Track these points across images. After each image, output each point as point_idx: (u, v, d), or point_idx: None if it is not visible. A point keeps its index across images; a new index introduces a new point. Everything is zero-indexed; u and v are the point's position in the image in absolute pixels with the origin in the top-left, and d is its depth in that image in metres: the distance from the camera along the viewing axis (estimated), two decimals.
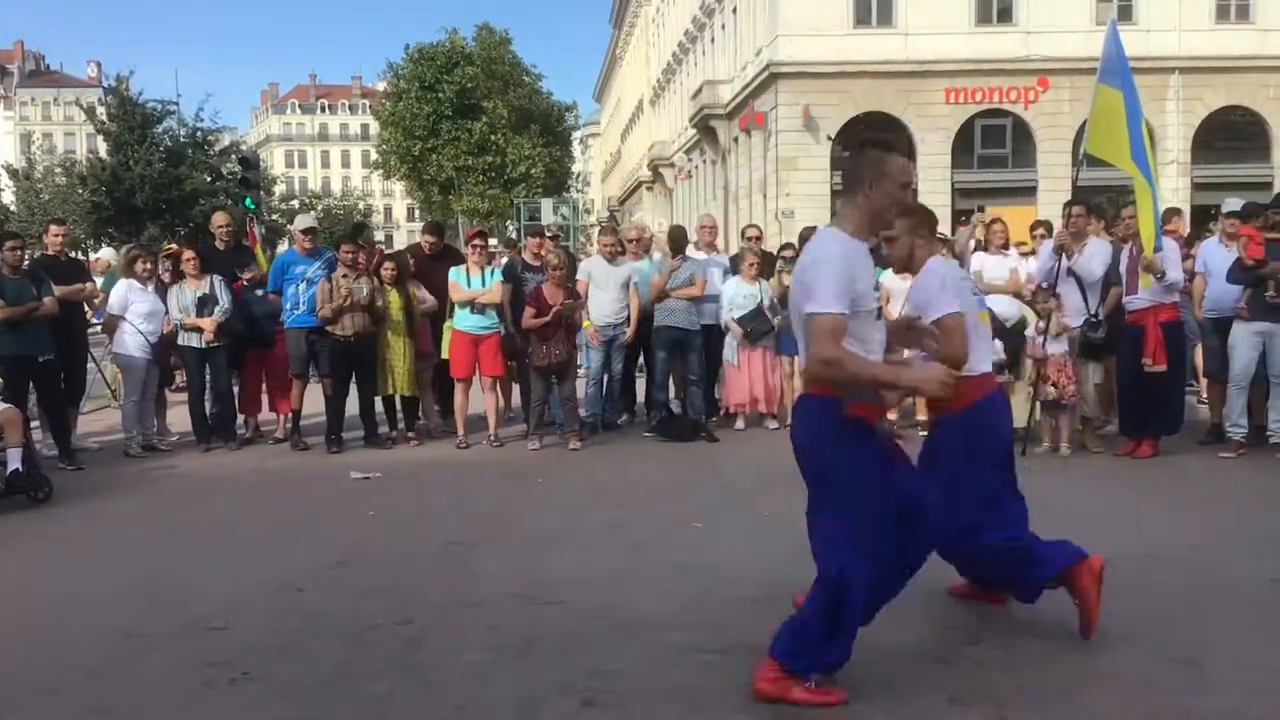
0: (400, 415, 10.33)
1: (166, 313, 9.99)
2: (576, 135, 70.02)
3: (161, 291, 10.15)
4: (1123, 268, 8.81)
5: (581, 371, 10.62)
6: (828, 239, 4.05)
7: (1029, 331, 9.18)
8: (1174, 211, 11.59)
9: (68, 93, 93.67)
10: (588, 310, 10.16)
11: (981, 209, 14.65)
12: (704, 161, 45.91)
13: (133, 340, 9.89)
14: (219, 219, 11.29)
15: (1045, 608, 5.05)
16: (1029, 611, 4.99)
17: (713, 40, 43.71)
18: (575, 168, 67.28)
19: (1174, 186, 30.15)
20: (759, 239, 11.42)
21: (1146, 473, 8.30)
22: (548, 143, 52.97)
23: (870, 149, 4.30)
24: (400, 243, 78.64)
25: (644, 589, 5.49)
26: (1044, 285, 9.02)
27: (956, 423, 4.88)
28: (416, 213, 64.33)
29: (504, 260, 11.30)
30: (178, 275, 10.21)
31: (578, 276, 10.25)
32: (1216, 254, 9.20)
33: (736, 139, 38.87)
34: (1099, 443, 9.04)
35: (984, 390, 4.93)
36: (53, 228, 10.47)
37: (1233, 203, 9.66)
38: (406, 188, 59.60)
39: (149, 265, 10.26)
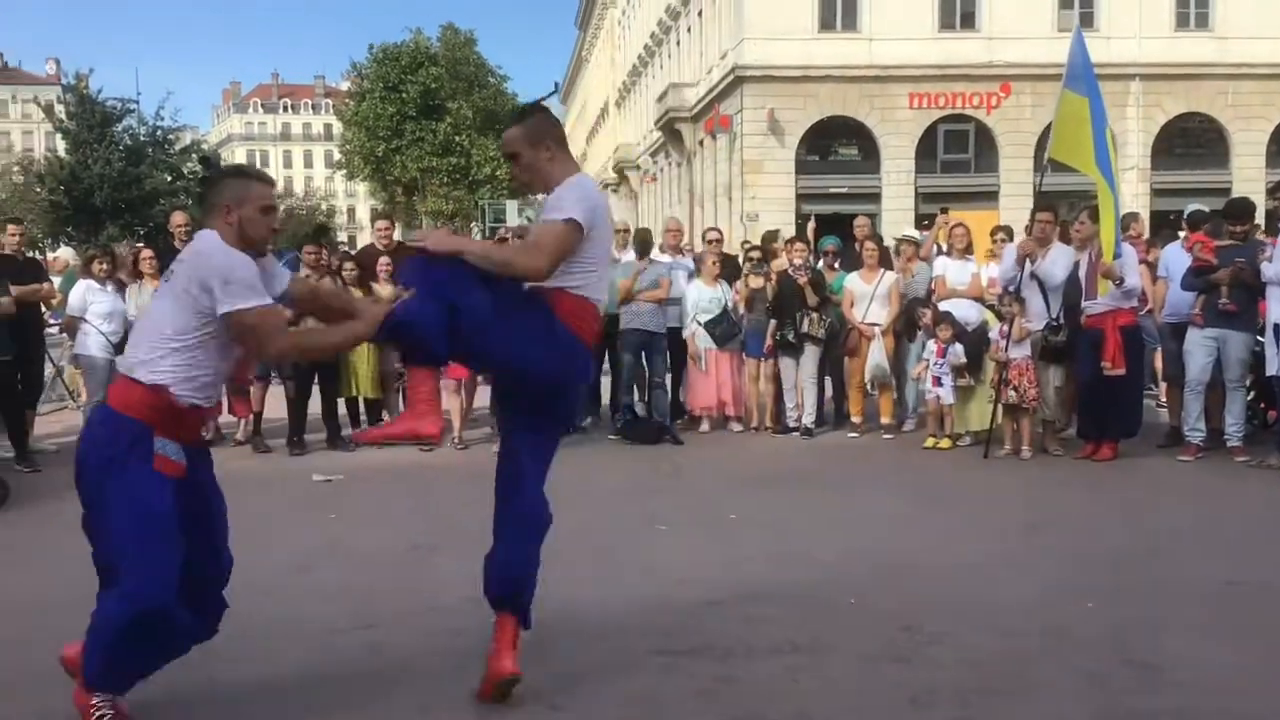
0: (364, 417, 10.27)
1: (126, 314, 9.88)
2: None
3: (121, 291, 10.04)
4: (1081, 273, 8.90)
5: None
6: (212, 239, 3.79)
7: (992, 334, 9.26)
8: (1132, 216, 11.73)
9: (25, 90, 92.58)
10: None
11: (945, 210, 14.74)
12: (669, 164, 45.95)
13: (94, 340, 9.77)
14: (178, 218, 11.18)
15: (1004, 610, 5.11)
16: (990, 613, 5.04)
17: (678, 43, 43.77)
18: None
19: (1134, 192, 30.50)
20: (720, 241, 11.46)
21: (1106, 475, 8.40)
22: None
23: (229, 177, 4.03)
24: (363, 244, 78.14)
25: (608, 591, 5.49)
26: (1008, 290, 9.11)
27: None
28: (381, 210, 64.15)
29: None
30: (137, 275, 10.11)
31: None
32: (1178, 259, 9.31)
33: (702, 142, 38.94)
34: (1059, 445, 9.13)
35: None
36: (10, 227, 10.31)
37: (1194, 208, 9.78)
38: (370, 189, 59.36)
39: (106, 265, 10.14)
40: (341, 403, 10.16)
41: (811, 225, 13.62)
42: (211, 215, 3.83)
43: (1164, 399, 10.07)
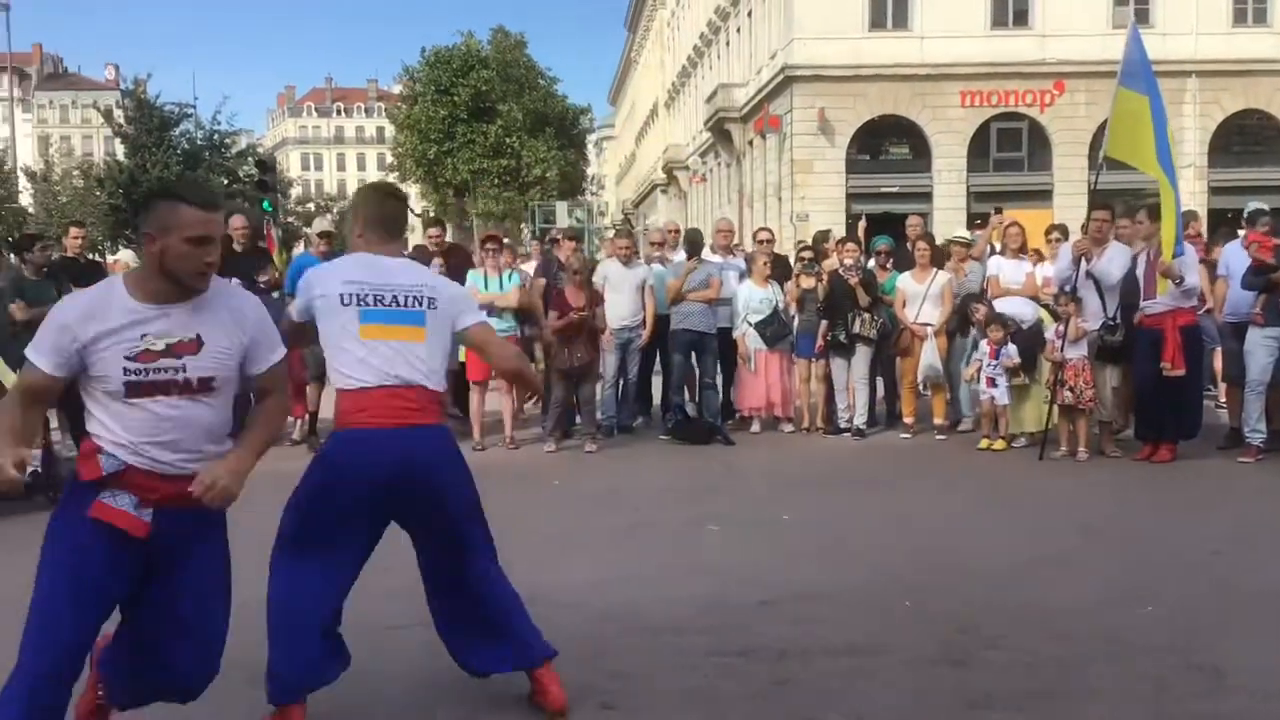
0: None
1: None
2: (591, 138, 70.06)
3: None
4: (1139, 272, 8.78)
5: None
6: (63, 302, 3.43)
7: (1048, 335, 9.16)
8: (1191, 215, 11.55)
9: (85, 95, 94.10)
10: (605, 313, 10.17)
11: (999, 210, 14.61)
12: (718, 164, 45.91)
13: None
14: (236, 221, 11.32)
15: (1061, 613, 5.05)
16: (1047, 616, 4.99)
17: (728, 44, 43.71)
18: (590, 171, 67.34)
19: (1191, 190, 30.02)
20: (770, 242, 11.42)
21: (1165, 477, 8.28)
22: (562, 146, 52.97)
23: (157, 198, 3.32)
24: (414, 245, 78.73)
25: (660, 592, 5.49)
26: (1063, 289, 9.01)
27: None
28: (431, 214, 64.67)
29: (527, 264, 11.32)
30: None
31: (593, 279, 10.27)
32: (1238, 257, 9.15)
33: (751, 142, 38.86)
34: (1116, 447, 9.01)
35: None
36: (73, 230, 10.53)
37: (1254, 206, 9.61)
38: (421, 190, 59.74)
39: None
40: None
41: (862, 225, 13.54)
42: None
43: (1223, 399, 9.91)
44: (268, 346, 3.48)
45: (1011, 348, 9.25)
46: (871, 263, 10.66)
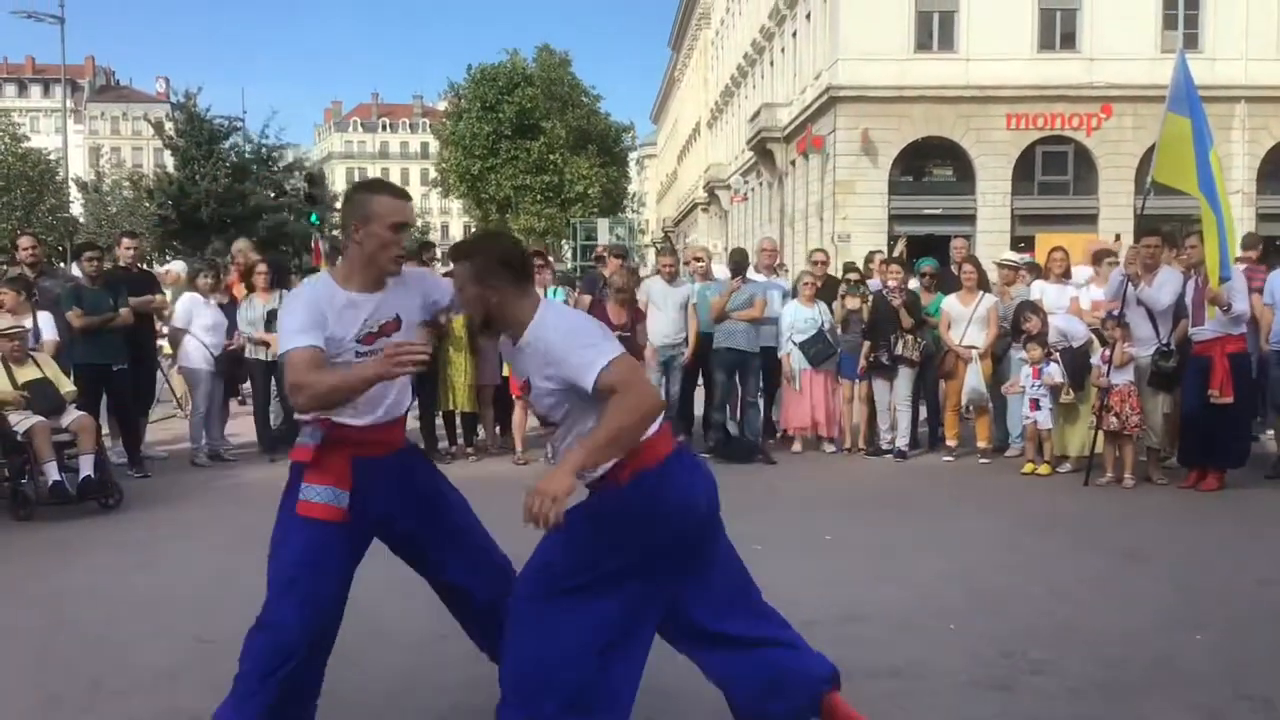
0: (460, 431, 10.44)
1: (235, 327, 10.18)
2: (633, 156, 70.30)
3: (230, 306, 10.36)
4: (1188, 299, 8.72)
5: None
6: (303, 285, 3.82)
7: (1094, 360, 9.11)
8: (1253, 240, 11.48)
9: (136, 108, 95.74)
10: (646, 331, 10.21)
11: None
12: (760, 184, 45.91)
13: (197, 352, 10.10)
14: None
15: (1107, 640, 5.02)
16: (1092, 642, 4.96)
17: (772, 64, 43.76)
18: (631, 188, 67.51)
19: (1239, 216, 29.56)
20: (825, 263, 11.43)
21: (1212, 505, 8.19)
22: (604, 163, 53.23)
23: (356, 189, 3.73)
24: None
25: None
26: (1110, 314, 8.96)
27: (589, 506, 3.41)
28: (474, 231, 65.09)
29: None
30: (249, 288, 10.43)
31: (637, 296, 10.31)
32: None
33: (794, 162, 38.85)
34: (1163, 474, 8.93)
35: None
36: (125, 240, 10.71)
37: None
38: (464, 206, 60.17)
39: (210, 279, 10.49)
40: (439, 416, 10.34)
41: (901, 245, 13.48)
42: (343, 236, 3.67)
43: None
44: (439, 290, 3.79)
45: (1054, 367, 9.20)
46: (915, 284, 10.65)
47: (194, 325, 10.13)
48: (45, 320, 8.87)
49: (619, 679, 3.35)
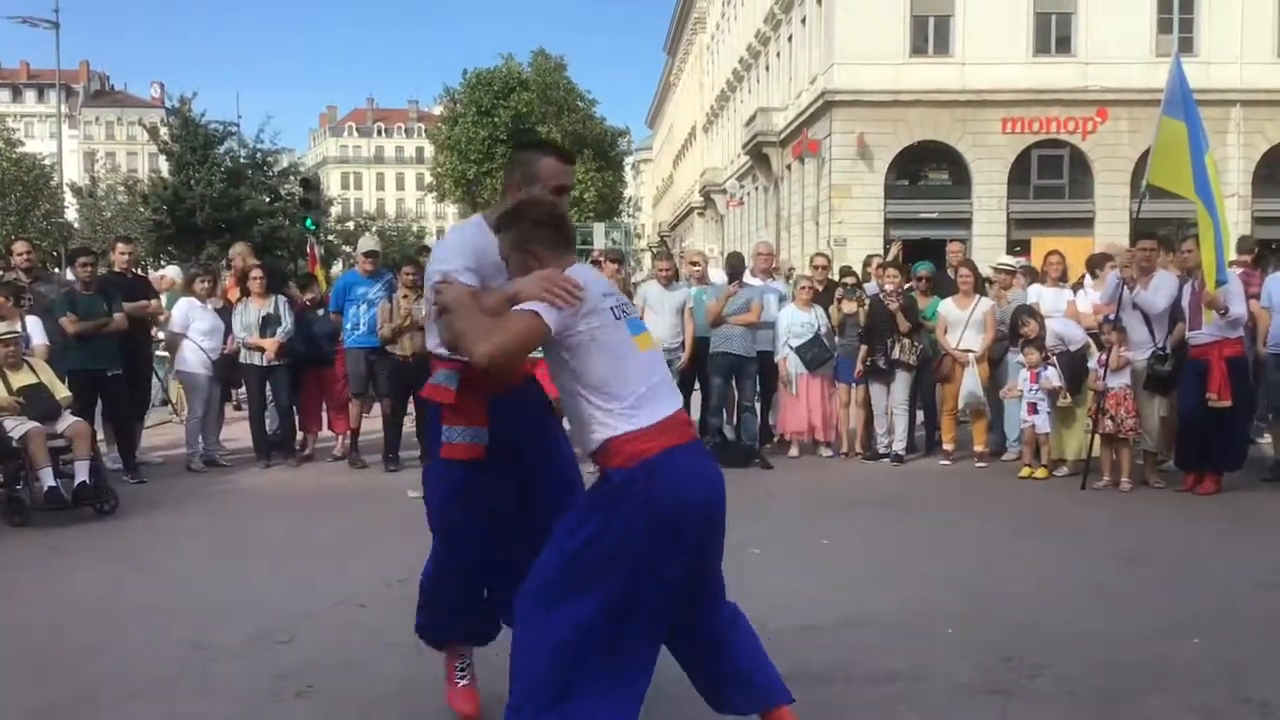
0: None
1: (229, 331, 10.16)
2: (629, 161, 70.34)
3: (226, 311, 10.34)
4: (1184, 302, 8.72)
5: None
6: (461, 226, 3.94)
7: (1091, 364, 9.12)
8: (1247, 243, 11.50)
9: (131, 113, 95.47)
10: None
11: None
12: (756, 188, 45.94)
13: (194, 357, 10.08)
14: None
15: (1105, 643, 5.01)
16: (1091, 646, 4.95)
17: (767, 68, 43.81)
18: (627, 193, 67.56)
19: (1234, 220, 29.59)
20: (826, 268, 11.43)
21: (1209, 509, 8.19)
22: (600, 168, 53.27)
23: (523, 146, 3.94)
24: None
25: None
26: (1106, 319, 8.97)
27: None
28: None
29: None
30: (245, 292, 10.42)
31: (634, 301, 10.31)
32: None
33: (789, 166, 38.88)
34: (1160, 478, 8.94)
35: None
36: (120, 245, 10.68)
37: None
38: (460, 210, 60.15)
39: (207, 284, 10.48)
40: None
41: (895, 248, 13.46)
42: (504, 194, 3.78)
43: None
44: None
45: (1051, 371, 9.21)
46: (913, 288, 10.64)
47: (191, 330, 10.11)
48: (34, 325, 8.84)
49: (604, 672, 3.33)
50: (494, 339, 3.24)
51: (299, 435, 10.56)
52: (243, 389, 11.06)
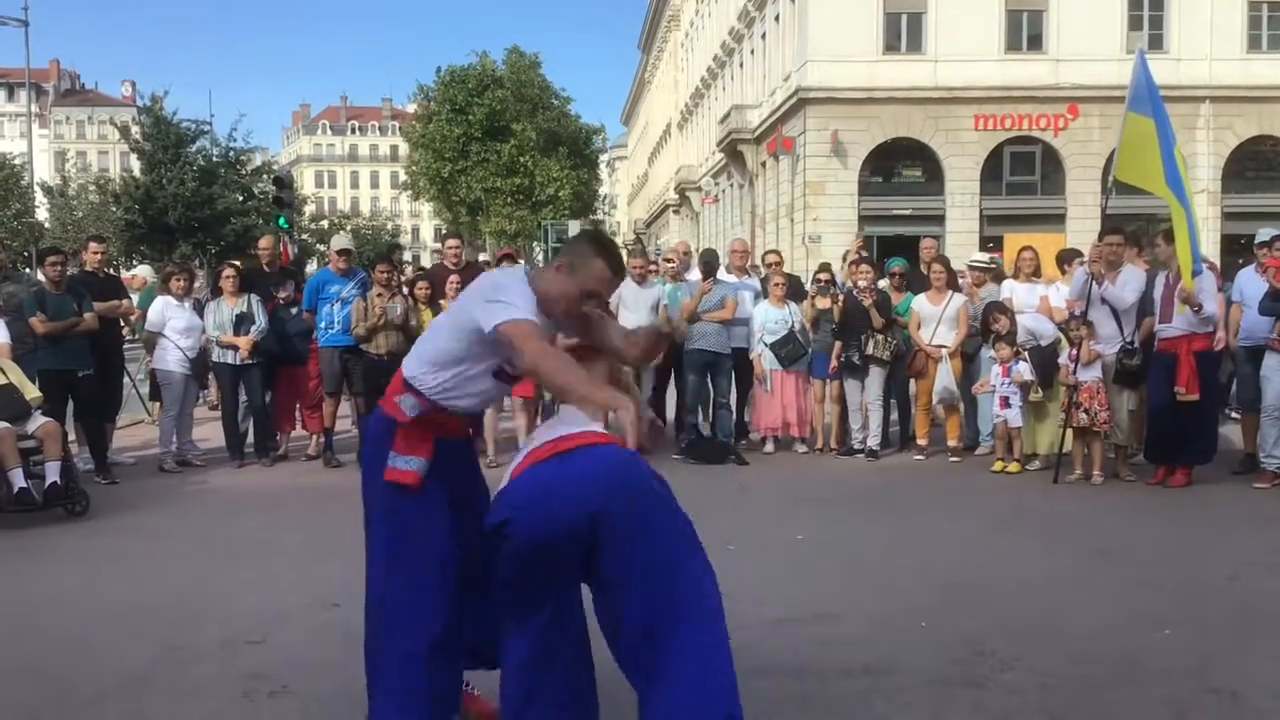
0: None
1: (203, 330, 10.11)
2: (604, 158, 70.30)
3: (199, 308, 10.29)
4: (1156, 294, 8.79)
5: None
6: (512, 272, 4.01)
7: (1061, 359, 9.18)
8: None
9: (102, 111, 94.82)
10: None
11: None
12: (731, 185, 46.03)
13: (171, 355, 10.02)
14: (264, 242, 11.51)
15: (1078, 636, 5.06)
16: (1063, 638, 4.99)
17: (741, 65, 43.90)
18: (602, 190, 67.51)
19: (1204, 216, 29.99)
20: (779, 264, 11.47)
21: (1180, 502, 8.26)
22: (575, 165, 53.16)
23: (587, 236, 3.86)
24: (428, 264, 79.11)
25: None
26: (1073, 314, 9.03)
27: None
28: (444, 232, 64.93)
29: None
30: (217, 292, 10.37)
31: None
32: (1252, 283, 9.16)
33: (764, 163, 38.98)
34: (1131, 471, 9.01)
35: None
36: (92, 245, 10.60)
37: (1267, 233, 9.62)
38: (435, 209, 59.96)
39: (183, 282, 10.42)
40: None
41: (857, 242, 13.40)
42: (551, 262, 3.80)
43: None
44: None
45: (1023, 365, 9.27)
46: (885, 283, 10.69)
47: (167, 328, 10.05)
48: None
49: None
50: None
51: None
52: (210, 389, 11.00)
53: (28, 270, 24.23)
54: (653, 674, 3.36)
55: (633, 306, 10.23)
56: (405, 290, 10.39)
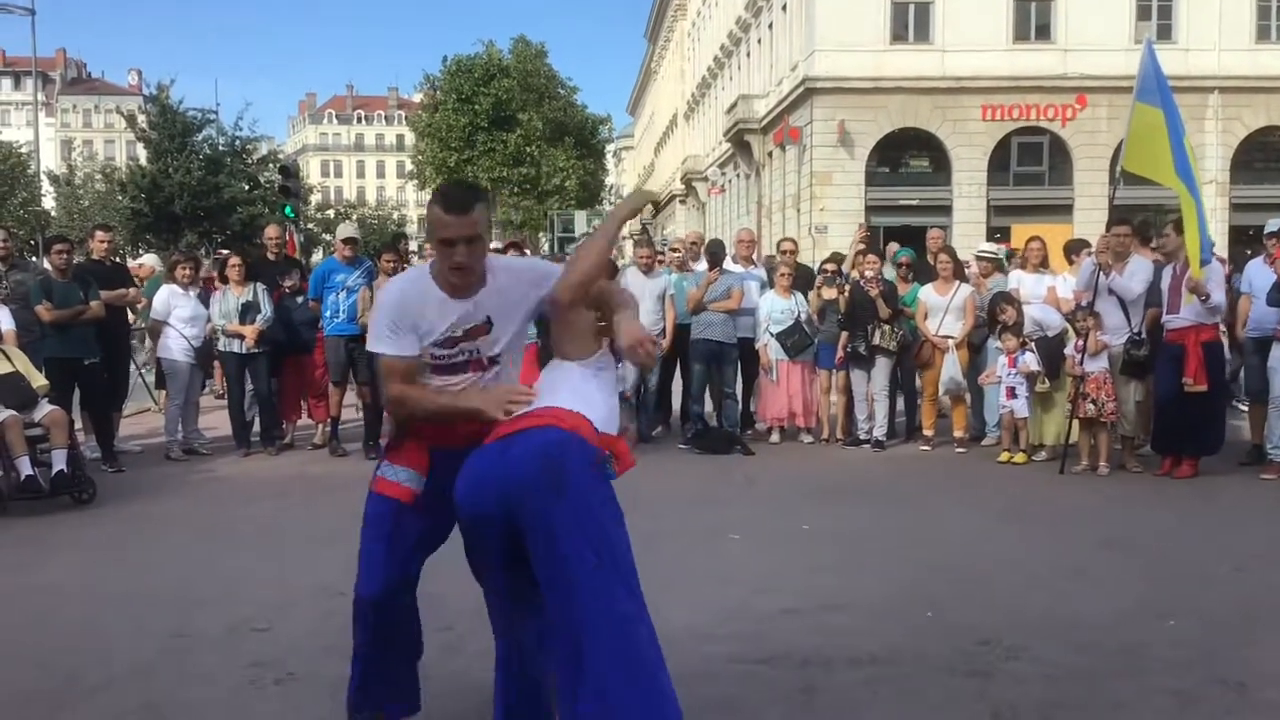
0: None
1: (209, 319, 10.12)
2: (610, 148, 70.21)
3: (205, 297, 10.30)
4: (1164, 285, 8.77)
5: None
6: (400, 278, 3.91)
7: (1068, 350, 9.16)
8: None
9: (108, 100, 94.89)
10: None
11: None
12: (737, 175, 45.95)
13: (176, 344, 10.03)
14: (271, 231, 11.51)
15: (1083, 626, 5.05)
16: (1068, 629, 4.99)
17: (748, 55, 43.78)
18: (608, 180, 67.46)
19: (1212, 207, 29.86)
20: (794, 252, 11.43)
21: (1186, 493, 8.25)
22: (581, 155, 53.15)
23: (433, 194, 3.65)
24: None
25: (682, 600, 5.48)
26: (1080, 305, 9.01)
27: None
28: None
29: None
30: (223, 280, 10.37)
31: None
32: (1261, 274, 9.14)
33: (771, 153, 38.90)
34: (1138, 462, 8.99)
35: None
36: (99, 233, 10.61)
37: (1276, 223, 9.58)
38: None
39: (189, 271, 10.43)
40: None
41: (860, 231, 13.35)
42: None
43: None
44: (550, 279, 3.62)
45: (1030, 355, 9.25)
46: (892, 274, 10.67)
47: (173, 317, 10.06)
48: (2, 313, 8.75)
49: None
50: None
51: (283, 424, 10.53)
52: (214, 378, 11.00)
53: (34, 259, 24.25)
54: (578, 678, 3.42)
55: (639, 295, 10.08)
56: None
